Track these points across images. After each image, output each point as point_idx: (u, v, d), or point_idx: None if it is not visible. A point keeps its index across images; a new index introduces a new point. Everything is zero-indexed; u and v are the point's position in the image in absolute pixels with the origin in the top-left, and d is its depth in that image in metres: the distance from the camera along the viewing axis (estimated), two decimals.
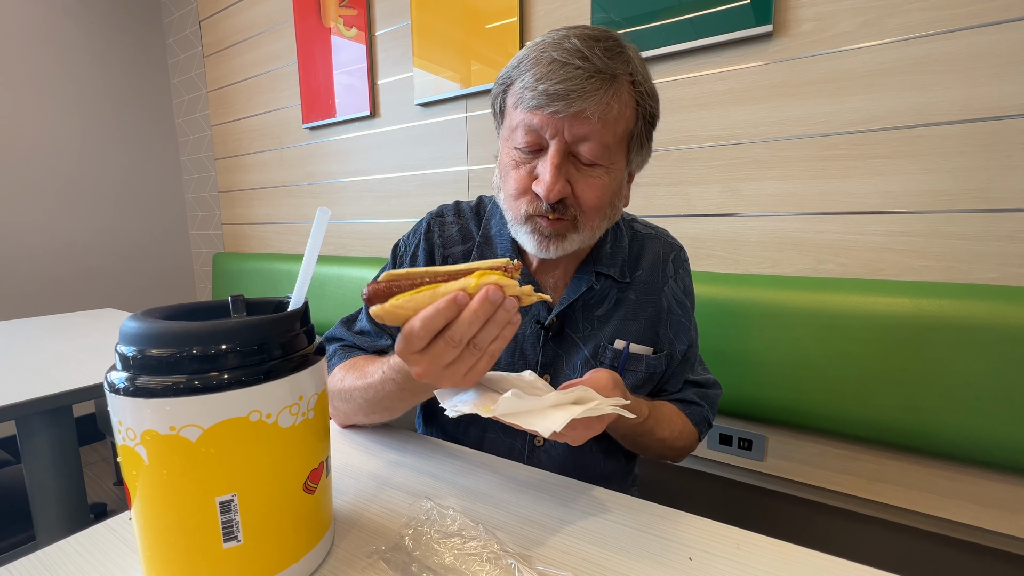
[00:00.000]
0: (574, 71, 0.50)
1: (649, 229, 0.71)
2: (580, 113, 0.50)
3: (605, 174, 0.55)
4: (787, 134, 0.98)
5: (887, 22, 0.87)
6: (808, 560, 0.39)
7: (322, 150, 1.83)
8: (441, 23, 1.42)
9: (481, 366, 0.41)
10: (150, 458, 0.31)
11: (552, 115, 0.51)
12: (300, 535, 0.36)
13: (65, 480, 0.84)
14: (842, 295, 0.88)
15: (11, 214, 1.93)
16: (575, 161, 0.54)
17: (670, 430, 0.64)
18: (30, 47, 1.95)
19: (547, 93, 0.50)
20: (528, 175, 0.55)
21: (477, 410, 0.41)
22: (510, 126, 0.55)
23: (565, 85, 0.49)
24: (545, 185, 0.52)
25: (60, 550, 0.40)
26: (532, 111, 0.52)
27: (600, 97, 0.50)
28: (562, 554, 0.40)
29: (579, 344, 0.63)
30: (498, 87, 0.58)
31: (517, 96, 0.54)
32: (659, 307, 0.66)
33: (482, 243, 0.66)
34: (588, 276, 0.63)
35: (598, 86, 0.50)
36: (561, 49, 0.51)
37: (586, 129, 0.51)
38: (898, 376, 0.83)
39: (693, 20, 1.02)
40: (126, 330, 0.32)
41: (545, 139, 0.53)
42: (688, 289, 0.70)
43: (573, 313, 0.63)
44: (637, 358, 0.64)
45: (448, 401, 0.46)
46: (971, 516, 0.85)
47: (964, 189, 0.84)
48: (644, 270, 0.66)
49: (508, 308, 0.38)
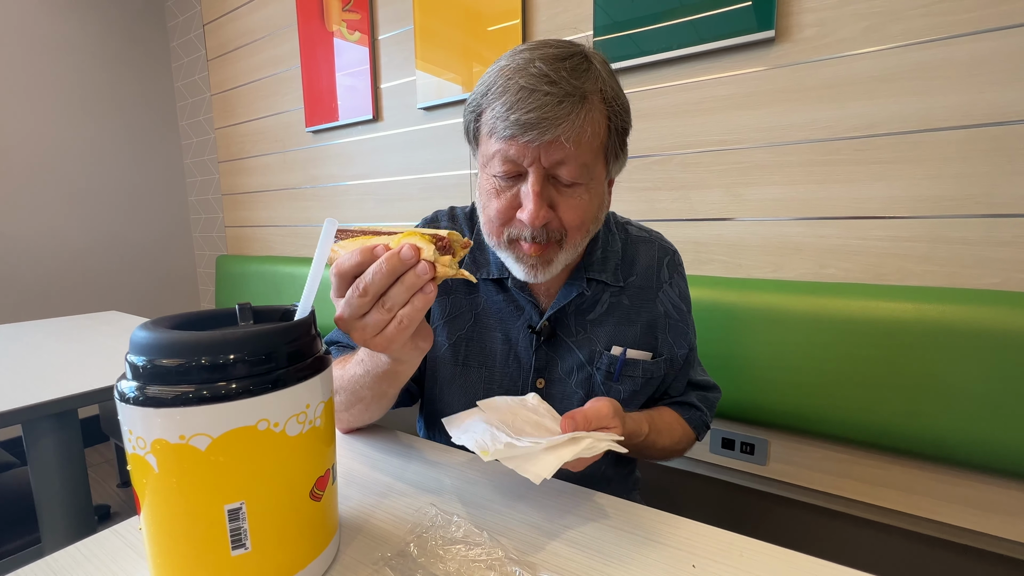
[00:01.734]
0: (543, 97, 0.49)
1: (643, 233, 0.71)
2: (555, 140, 0.50)
3: (585, 192, 0.55)
4: (789, 139, 0.98)
5: (889, 28, 0.87)
6: (812, 568, 0.39)
7: (325, 153, 1.84)
8: (444, 26, 1.42)
9: (391, 332, 0.40)
10: (160, 466, 0.31)
11: (527, 144, 0.50)
12: (307, 542, 0.36)
13: (70, 483, 0.84)
14: (844, 300, 0.88)
15: (17, 217, 1.94)
16: (555, 183, 0.54)
17: (670, 438, 0.65)
18: (35, 51, 1.96)
19: (519, 123, 0.49)
20: (509, 202, 0.54)
21: (476, 450, 0.43)
22: (486, 154, 0.55)
23: (536, 114, 0.49)
24: (529, 214, 0.52)
25: (69, 556, 0.41)
26: (507, 141, 0.51)
27: (573, 121, 0.50)
28: (566, 561, 0.40)
29: (572, 348, 0.64)
30: (468, 115, 0.58)
31: (490, 126, 0.53)
32: (655, 312, 0.66)
33: (474, 248, 0.67)
34: (579, 282, 0.63)
35: (569, 110, 0.49)
36: (527, 75, 0.50)
37: (562, 154, 0.51)
38: (900, 381, 0.83)
39: (696, 24, 1.03)
40: (136, 340, 0.32)
41: (523, 166, 0.53)
42: (684, 293, 0.70)
43: (565, 318, 0.64)
44: (634, 364, 0.64)
45: (455, 430, 0.48)
46: (973, 521, 0.85)
47: (967, 194, 0.84)
48: (638, 275, 0.67)
49: (419, 272, 0.38)
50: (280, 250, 2.08)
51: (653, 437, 0.61)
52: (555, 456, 0.42)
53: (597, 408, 0.50)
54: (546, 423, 0.50)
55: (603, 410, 0.50)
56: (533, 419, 0.50)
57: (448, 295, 0.66)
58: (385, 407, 0.59)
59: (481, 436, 0.45)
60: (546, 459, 0.42)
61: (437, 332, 0.66)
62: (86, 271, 2.14)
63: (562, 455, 0.42)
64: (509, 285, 0.64)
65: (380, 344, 0.41)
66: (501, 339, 0.65)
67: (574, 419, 0.48)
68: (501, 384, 0.65)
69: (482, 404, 0.52)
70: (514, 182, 0.54)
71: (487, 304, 0.65)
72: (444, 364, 0.66)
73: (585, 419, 0.48)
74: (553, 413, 0.52)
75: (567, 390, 0.64)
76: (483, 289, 0.66)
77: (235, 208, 2.24)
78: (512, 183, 0.54)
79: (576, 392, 0.64)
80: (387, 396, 0.56)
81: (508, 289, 0.64)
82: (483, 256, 0.66)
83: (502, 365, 0.64)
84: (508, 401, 0.53)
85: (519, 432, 0.47)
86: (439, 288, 0.65)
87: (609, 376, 0.64)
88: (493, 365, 0.65)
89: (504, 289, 0.65)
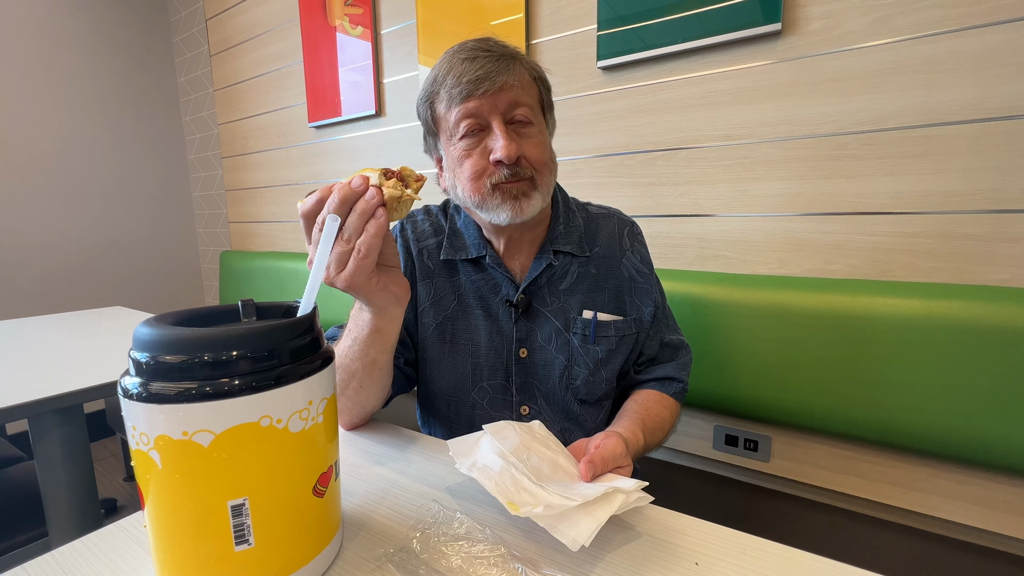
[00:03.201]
0: (484, 58, 0.60)
1: (603, 209, 0.77)
2: (504, 85, 0.60)
3: (539, 132, 0.64)
4: (795, 134, 0.97)
5: (897, 20, 0.86)
6: (814, 566, 0.39)
7: (328, 149, 1.84)
8: (446, 20, 1.41)
9: (352, 264, 0.44)
10: (163, 462, 0.31)
11: (482, 96, 0.59)
12: (310, 538, 0.36)
13: (76, 477, 0.85)
14: (850, 296, 0.87)
15: (21, 212, 1.95)
16: (515, 127, 0.62)
17: (661, 429, 0.68)
18: (39, 48, 1.96)
19: (471, 81, 0.59)
20: (481, 155, 0.61)
21: (501, 499, 0.41)
22: (448, 125, 0.63)
23: (483, 71, 0.59)
24: (503, 147, 0.59)
25: (75, 550, 0.41)
26: (464, 101, 0.60)
27: (513, 69, 0.61)
28: (567, 558, 0.40)
29: (549, 317, 0.69)
30: (423, 106, 0.66)
31: (446, 100, 0.62)
32: (620, 277, 0.72)
33: (451, 234, 0.72)
34: (547, 255, 0.69)
35: (507, 64, 0.60)
36: (466, 50, 0.61)
37: (513, 96, 0.61)
38: (907, 378, 0.83)
39: (701, 18, 1.01)
40: (139, 336, 0.32)
41: (484, 118, 0.61)
42: (645, 258, 0.75)
43: (539, 290, 0.70)
44: (606, 325, 0.70)
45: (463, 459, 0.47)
46: (979, 519, 0.85)
47: (975, 189, 0.83)
48: (601, 246, 0.73)
49: (368, 197, 0.43)
50: (283, 246, 2.09)
51: (648, 440, 0.64)
52: (592, 518, 0.39)
53: (611, 449, 0.50)
54: (561, 462, 0.48)
55: (617, 449, 0.50)
56: (548, 456, 0.48)
57: (432, 279, 0.71)
58: (380, 386, 0.60)
59: (501, 479, 0.43)
60: (583, 521, 0.39)
61: (424, 314, 0.71)
62: (91, 267, 2.15)
63: (599, 517, 0.39)
64: (487, 263, 0.69)
65: (345, 280, 0.45)
66: (483, 315, 0.70)
67: (593, 464, 0.47)
68: (487, 358, 0.69)
69: (488, 428, 0.50)
70: (479, 139, 0.62)
71: (467, 284, 0.71)
72: (433, 344, 0.71)
73: (603, 462, 0.48)
74: (562, 448, 0.51)
75: (548, 357, 0.69)
76: (462, 271, 0.71)
77: (239, 204, 2.25)
78: (478, 140, 0.62)
79: (557, 357, 0.69)
80: (377, 366, 0.57)
81: (486, 268, 0.70)
82: (459, 241, 0.71)
83: (487, 339, 0.69)
84: (515, 428, 0.50)
85: (537, 472, 0.45)
86: (423, 272, 0.71)
87: (585, 339, 0.69)
88: (478, 340, 0.70)
89: (482, 269, 0.70)
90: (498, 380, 0.70)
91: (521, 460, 0.46)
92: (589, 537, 0.38)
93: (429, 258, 0.72)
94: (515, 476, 0.44)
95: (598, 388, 0.70)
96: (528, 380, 0.70)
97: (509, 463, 0.45)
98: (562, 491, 0.42)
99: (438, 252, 0.72)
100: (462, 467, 0.46)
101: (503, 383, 0.70)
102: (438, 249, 0.72)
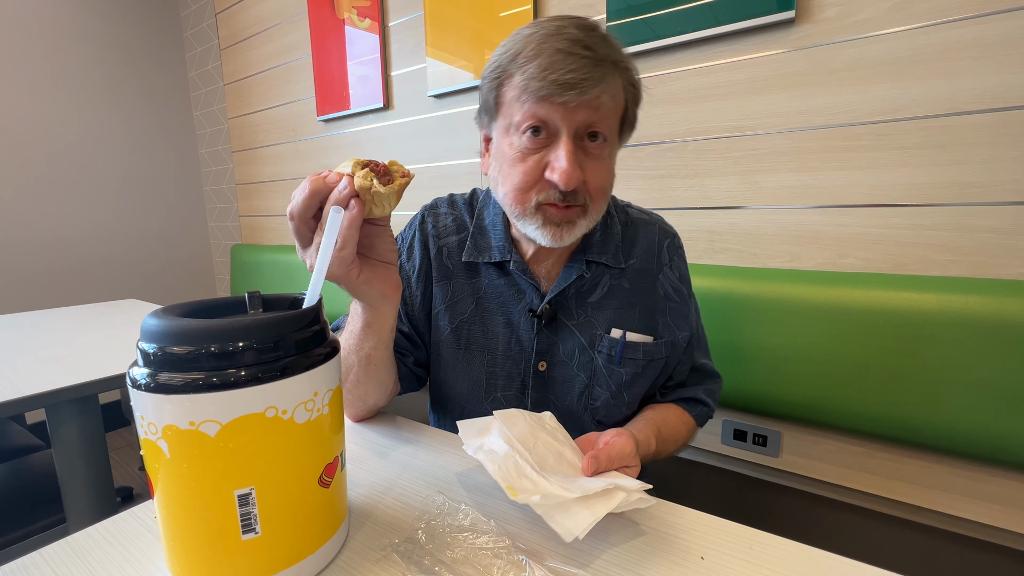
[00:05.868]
0: (581, 60, 0.50)
1: (643, 215, 0.71)
2: (592, 100, 0.51)
3: (609, 157, 0.57)
4: (808, 124, 0.95)
5: (916, 6, 0.83)
6: (823, 562, 0.39)
7: (337, 142, 1.84)
8: (454, 12, 1.40)
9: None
10: (171, 452, 0.31)
11: (563, 104, 0.51)
12: (316, 528, 0.37)
13: (93, 465, 0.87)
14: (863, 290, 0.86)
15: (36, 207, 1.98)
16: (583, 147, 0.55)
17: (675, 442, 0.65)
18: (50, 42, 1.98)
19: (558, 83, 0.50)
20: (537, 166, 0.54)
21: (502, 484, 0.41)
22: (511, 118, 0.55)
23: (576, 75, 0.50)
24: (564, 173, 0.52)
25: (89, 536, 0.42)
26: (540, 101, 0.52)
27: (607, 81, 0.52)
28: (573, 551, 0.40)
29: (574, 331, 0.64)
30: (491, 81, 0.57)
31: (520, 88, 0.53)
32: (655, 295, 0.66)
33: (475, 232, 0.67)
34: (579, 264, 0.63)
35: (604, 74, 0.51)
36: (562, 39, 0.51)
37: (596, 116, 0.53)
38: (921, 374, 0.81)
39: (712, 7, 1.00)
40: (147, 327, 0.33)
41: (554, 128, 0.53)
42: (684, 276, 0.70)
43: (566, 300, 0.64)
44: (635, 346, 0.64)
45: (471, 440, 0.47)
46: (993, 517, 0.83)
47: (995, 181, 0.81)
48: (638, 257, 0.67)
49: (340, 188, 0.41)
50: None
51: (660, 448, 0.62)
52: (589, 512, 0.39)
53: (620, 448, 0.49)
54: (567, 454, 0.48)
55: (626, 449, 0.49)
56: (554, 447, 0.48)
57: (449, 280, 0.66)
58: (377, 382, 0.59)
59: (504, 464, 0.43)
60: (580, 514, 0.39)
61: (438, 317, 0.67)
62: (106, 261, 2.19)
63: (596, 512, 0.39)
64: (511, 268, 0.64)
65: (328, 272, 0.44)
66: (503, 323, 0.65)
67: (597, 459, 0.46)
68: (503, 367, 0.65)
69: (499, 415, 0.50)
70: (540, 146, 0.54)
71: (488, 288, 0.66)
72: (447, 348, 0.67)
73: (609, 460, 0.47)
74: (571, 441, 0.51)
75: (569, 373, 0.65)
76: (484, 273, 0.66)
77: (249, 197, 2.26)
78: (538, 147, 0.54)
79: (578, 375, 0.64)
80: (373, 362, 0.56)
81: (510, 273, 0.65)
82: (484, 240, 0.66)
83: (504, 348, 0.65)
84: (526, 417, 0.51)
85: (541, 461, 0.45)
86: (440, 273, 0.67)
87: (611, 360, 0.64)
88: (495, 348, 0.65)
89: (505, 273, 0.65)
90: (513, 392, 0.65)
91: (527, 448, 0.46)
92: (584, 530, 0.38)
93: (448, 258, 0.67)
94: (519, 463, 0.44)
95: (619, 411, 0.66)
96: (545, 395, 0.65)
97: (514, 449, 0.45)
98: (563, 482, 0.42)
99: (459, 252, 0.66)
100: (469, 448, 0.46)
101: (518, 395, 0.65)
102: (459, 248, 0.67)
